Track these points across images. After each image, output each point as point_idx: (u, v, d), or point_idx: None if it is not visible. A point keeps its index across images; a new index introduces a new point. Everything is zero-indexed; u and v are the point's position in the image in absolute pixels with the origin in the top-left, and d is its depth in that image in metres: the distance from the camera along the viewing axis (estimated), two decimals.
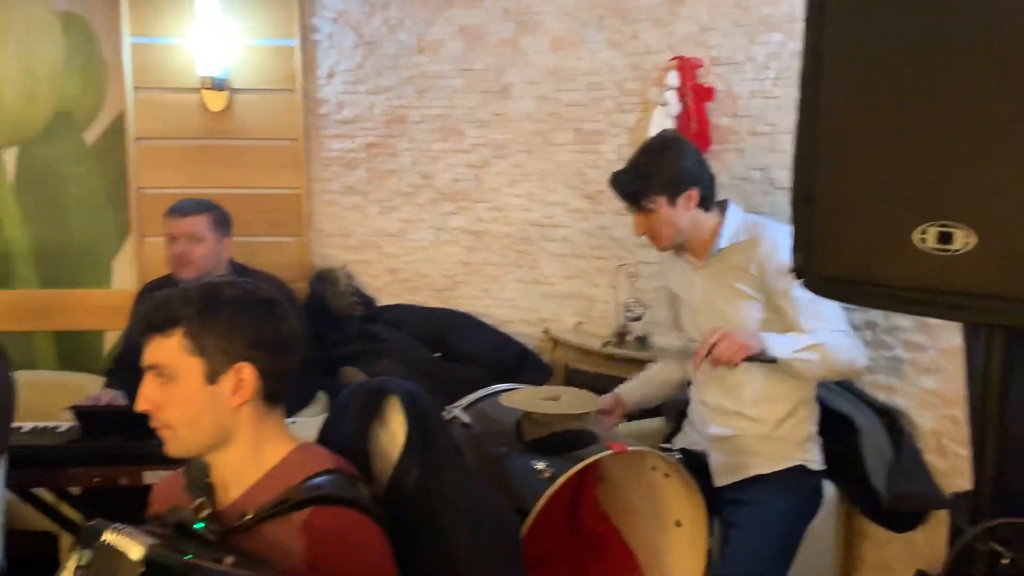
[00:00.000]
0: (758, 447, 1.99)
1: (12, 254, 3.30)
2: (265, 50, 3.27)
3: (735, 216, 2.05)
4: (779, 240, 1.91)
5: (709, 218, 2.04)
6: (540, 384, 2.64)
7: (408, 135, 3.32)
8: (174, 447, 1.28)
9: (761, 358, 1.80)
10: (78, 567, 1.12)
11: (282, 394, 1.32)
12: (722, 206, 2.06)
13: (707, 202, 2.03)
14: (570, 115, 3.06)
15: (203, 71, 3.17)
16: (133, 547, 1.07)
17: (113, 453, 2.24)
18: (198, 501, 1.25)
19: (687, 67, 2.71)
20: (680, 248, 2.11)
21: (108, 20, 3.22)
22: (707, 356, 1.77)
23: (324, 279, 3.32)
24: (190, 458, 1.31)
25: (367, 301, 3.37)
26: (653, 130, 2.76)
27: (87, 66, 3.25)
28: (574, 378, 2.95)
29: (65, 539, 2.71)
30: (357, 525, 1.23)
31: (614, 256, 2.98)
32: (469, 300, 3.32)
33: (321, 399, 2.93)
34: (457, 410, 1.83)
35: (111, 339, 3.37)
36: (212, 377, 1.25)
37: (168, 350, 1.25)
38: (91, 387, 3.08)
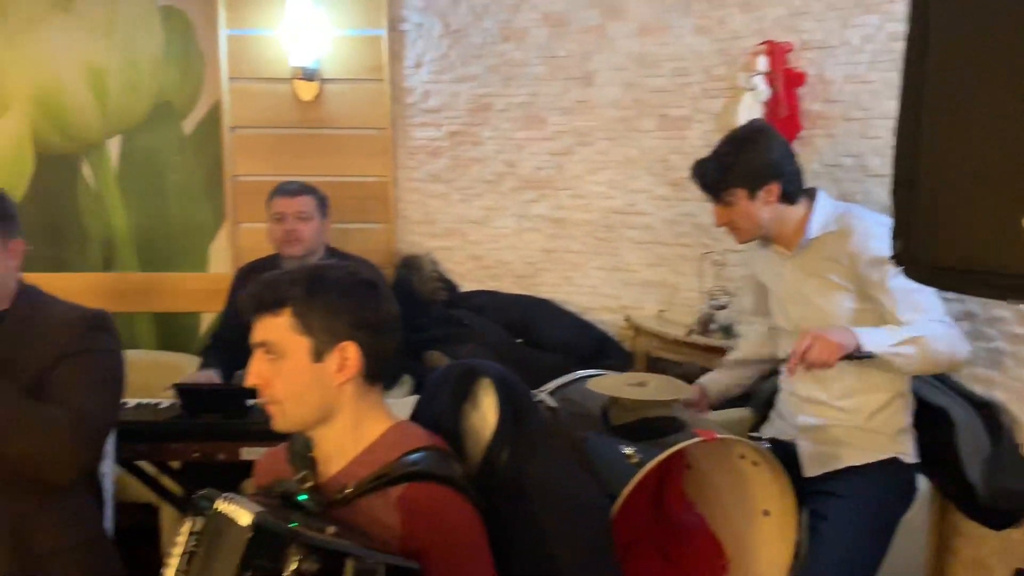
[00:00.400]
0: (850, 438, 1.95)
1: (115, 239, 3.46)
2: (354, 40, 3.34)
3: (824, 205, 2.00)
4: (872, 229, 1.86)
5: (794, 210, 1.99)
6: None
7: (492, 123, 3.35)
8: (281, 422, 1.33)
9: (857, 355, 1.76)
10: (192, 532, 1.19)
11: (382, 373, 1.36)
12: (810, 195, 2.02)
13: (791, 196, 1.98)
14: (655, 101, 3.04)
15: (295, 62, 3.25)
16: (243, 514, 1.12)
17: (212, 429, 2.34)
18: (301, 474, 1.30)
19: (777, 52, 2.66)
20: (766, 239, 2.07)
21: (205, 13, 3.33)
22: (801, 362, 1.74)
23: (409, 265, 3.39)
24: (294, 433, 1.36)
25: (451, 287, 3.43)
26: (742, 116, 2.72)
27: (185, 58, 3.38)
28: (656, 367, 2.94)
29: (166, 510, 2.84)
30: (450, 502, 1.27)
31: (699, 244, 2.95)
32: (550, 287, 3.33)
33: (406, 382, 3.00)
34: (543, 394, 1.85)
35: (207, 321, 3.51)
36: (318, 355, 1.30)
37: (277, 329, 1.30)
38: (188, 366, 3.22)
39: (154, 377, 2.81)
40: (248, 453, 2.32)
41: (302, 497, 1.24)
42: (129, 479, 2.58)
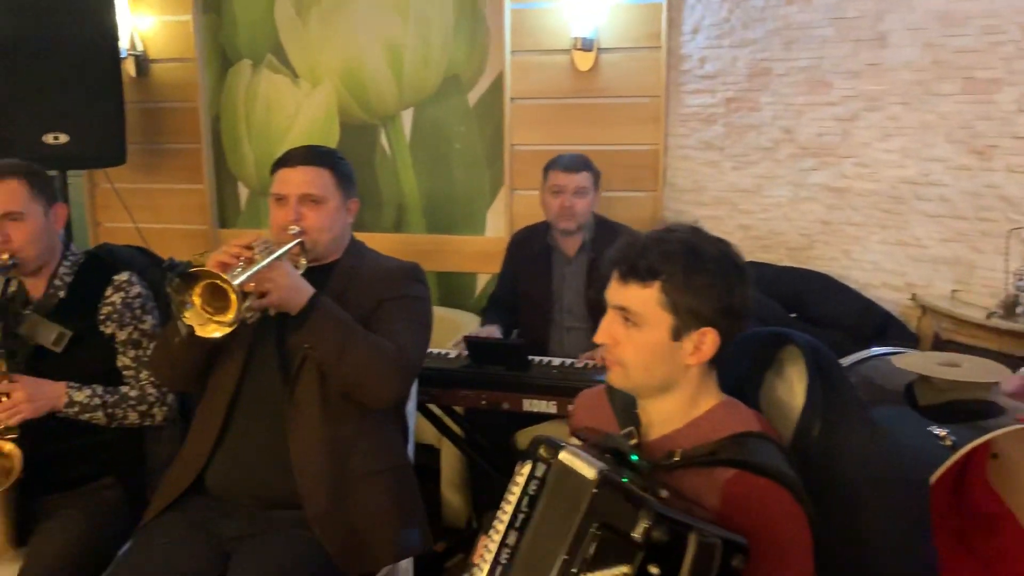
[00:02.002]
0: None
1: (406, 203, 3.77)
2: (633, 8, 3.36)
3: None
4: None
5: None
6: None
7: (771, 88, 3.24)
8: (618, 381, 1.34)
9: None
10: (532, 477, 1.23)
11: (725, 356, 1.32)
12: None
13: None
14: (959, 62, 2.80)
15: (575, 32, 3.34)
16: (589, 469, 1.15)
17: (499, 380, 2.52)
18: (627, 430, 1.33)
19: None
20: None
21: None
22: None
23: None
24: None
25: None
26: None
27: (473, 33, 3.58)
28: (945, 350, 2.73)
29: (446, 449, 3.09)
30: (780, 502, 1.20)
31: (1005, 219, 2.69)
32: (827, 261, 3.19)
33: None
34: None
35: (482, 280, 3.74)
36: (677, 335, 1.28)
37: (642, 299, 1.28)
38: (466, 322, 3.46)
39: (436, 331, 3.04)
40: (530, 405, 2.47)
41: (633, 457, 1.24)
42: (418, 420, 2.83)
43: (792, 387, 1.42)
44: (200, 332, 1.71)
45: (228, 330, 1.70)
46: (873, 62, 3.00)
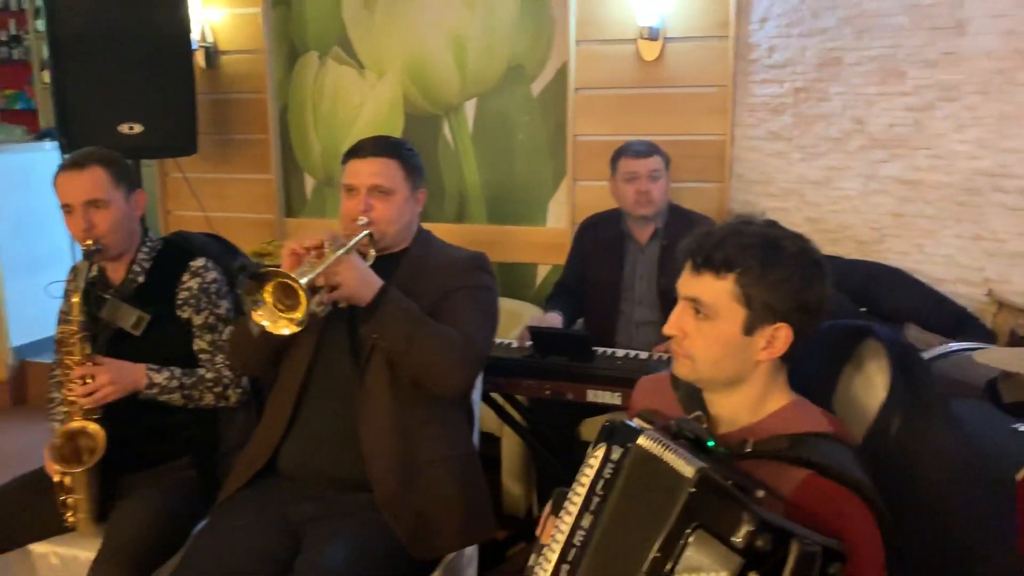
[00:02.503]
0: None
1: (468, 194, 3.79)
2: None
3: None
4: None
5: None
6: None
7: (842, 78, 3.17)
8: (685, 372, 1.32)
9: None
10: (608, 460, 1.20)
11: (797, 353, 1.29)
12: None
13: None
14: None
15: (642, 21, 3.31)
16: (686, 466, 1.10)
17: (562, 370, 2.51)
18: (696, 414, 1.31)
19: None
20: None
21: None
22: None
23: None
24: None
25: None
26: None
27: (537, 22, 3.57)
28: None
29: (507, 438, 3.11)
30: (853, 508, 1.17)
31: None
32: (897, 255, 3.11)
33: None
34: None
35: (542, 272, 3.74)
36: (749, 329, 1.25)
37: (715, 291, 1.26)
38: (527, 313, 3.46)
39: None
40: (594, 396, 2.47)
41: (710, 443, 1.20)
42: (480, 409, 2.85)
43: (872, 383, 1.39)
44: (272, 329, 1.75)
45: (298, 328, 1.74)
46: (950, 51, 2.90)
